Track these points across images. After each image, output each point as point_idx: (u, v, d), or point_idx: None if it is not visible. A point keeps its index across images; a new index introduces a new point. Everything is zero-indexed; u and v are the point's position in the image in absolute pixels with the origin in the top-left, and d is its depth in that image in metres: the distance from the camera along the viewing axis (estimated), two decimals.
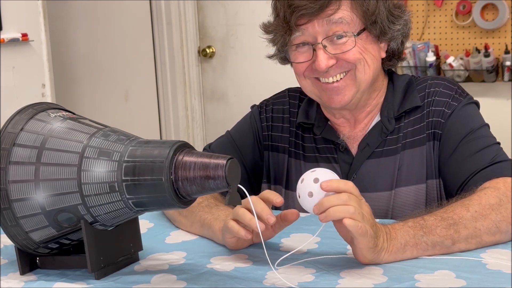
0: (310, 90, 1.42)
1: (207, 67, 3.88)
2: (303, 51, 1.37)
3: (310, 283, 1.06)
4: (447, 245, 1.14)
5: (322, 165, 1.42)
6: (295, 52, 1.39)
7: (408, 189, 1.39)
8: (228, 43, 3.77)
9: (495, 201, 1.19)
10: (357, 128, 1.45)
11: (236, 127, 1.57)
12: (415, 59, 3.22)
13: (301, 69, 1.38)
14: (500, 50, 3.10)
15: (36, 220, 1.10)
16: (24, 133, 1.12)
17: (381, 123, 1.42)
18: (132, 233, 1.19)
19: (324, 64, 1.33)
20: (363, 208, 1.09)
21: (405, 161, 1.39)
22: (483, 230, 1.16)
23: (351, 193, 1.08)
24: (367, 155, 1.41)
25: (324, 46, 1.34)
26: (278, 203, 1.15)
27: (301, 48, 1.37)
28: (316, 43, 1.34)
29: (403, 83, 1.44)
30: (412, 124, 1.40)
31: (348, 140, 1.45)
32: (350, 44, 1.34)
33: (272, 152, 1.52)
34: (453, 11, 3.18)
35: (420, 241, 1.13)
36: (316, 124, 1.47)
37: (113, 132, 1.12)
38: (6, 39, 2.65)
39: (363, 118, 1.44)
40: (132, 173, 1.05)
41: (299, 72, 1.39)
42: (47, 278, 1.14)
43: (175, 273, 1.13)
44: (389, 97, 1.44)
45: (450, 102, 1.38)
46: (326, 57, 1.34)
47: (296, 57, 1.39)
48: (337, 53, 1.34)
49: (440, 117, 1.38)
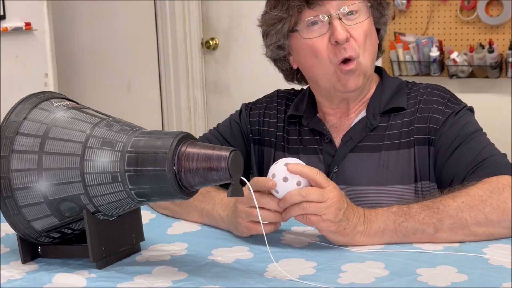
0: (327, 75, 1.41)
1: (210, 59, 3.87)
2: (316, 28, 1.39)
3: (311, 276, 1.06)
4: (429, 232, 1.16)
5: (304, 156, 1.46)
6: (308, 30, 1.40)
7: (394, 188, 1.40)
8: (232, 35, 3.77)
9: (484, 193, 1.19)
10: (344, 119, 1.48)
11: (224, 121, 1.62)
12: (419, 54, 3.21)
13: (322, 49, 1.38)
14: (504, 46, 3.09)
15: (38, 209, 1.10)
16: (28, 122, 1.12)
17: (366, 118, 1.45)
18: (134, 223, 1.19)
19: (343, 33, 1.35)
20: (327, 195, 1.14)
21: (391, 161, 1.40)
22: (470, 220, 1.17)
23: (315, 179, 1.14)
24: (349, 148, 1.43)
25: (340, 18, 1.37)
26: (270, 186, 1.15)
27: (312, 27, 1.39)
28: (332, 15, 1.37)
29: (394, 85, 1.48)
30: (399, 127, 1.42)
31: (333, 129, 1.48)
32: (361, 17, 1.39)
33: (260, 146, 1.56)
34: (457, 6, 3.17)
35: (400, 227, 1.17)
36: (305, 116, 1.51)
37: (116, 122, 1.11)
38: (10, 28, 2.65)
39: (355, 110, 1.47)
40: (135, 164, 1.05)
41: (322, 53, 1.39)
42: (48, 267, 1.14)
43: (176, 264, 1.13)
44: (377, 94, 1.47)
45: (444, 109, 1.40)
46: (344, 28, 1.36)
47: (310, 33, 1.39)
48: (350, 25, 1.37)
49: (435, 124, 1.39)
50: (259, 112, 1.57)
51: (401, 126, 1.42)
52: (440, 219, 1.17)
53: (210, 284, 1.04)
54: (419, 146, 1.40)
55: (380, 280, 1.03)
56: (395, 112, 1.44)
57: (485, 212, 1.17)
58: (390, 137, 1.42)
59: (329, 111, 1.49)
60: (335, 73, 1.39)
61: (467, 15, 3.16)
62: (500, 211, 1.18)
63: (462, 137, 1.36)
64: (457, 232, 1.17)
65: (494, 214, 1.17)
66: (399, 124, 1.43)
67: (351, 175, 1.41)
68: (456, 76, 3.15)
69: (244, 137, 1.57)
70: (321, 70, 1.42)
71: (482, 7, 3.09)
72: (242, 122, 1.58)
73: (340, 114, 1.48)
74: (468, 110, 1.43)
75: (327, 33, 1.38)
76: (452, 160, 1.35)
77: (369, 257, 1.12)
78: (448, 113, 1.39)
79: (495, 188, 1.20)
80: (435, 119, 1.39)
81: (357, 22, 1.38)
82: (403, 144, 1.41)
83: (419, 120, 1.40)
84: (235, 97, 3.80)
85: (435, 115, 1.39)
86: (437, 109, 1.40)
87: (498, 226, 1.18)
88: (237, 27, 3.72)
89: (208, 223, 1.33)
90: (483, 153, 1.33)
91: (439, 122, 1.39)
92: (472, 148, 1.34)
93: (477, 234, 1.17)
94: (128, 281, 1.07)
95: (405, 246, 1.16)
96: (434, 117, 1.39)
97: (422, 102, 1.42)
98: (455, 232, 1.17)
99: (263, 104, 1.59)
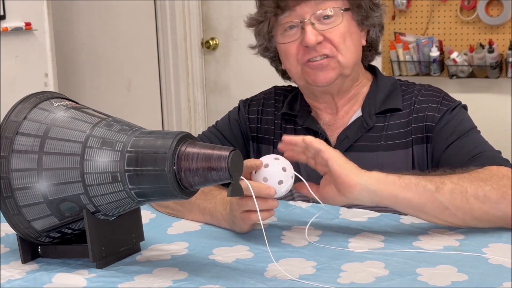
0: (297, 74, 1.47)
1: (210, 59, 3.87)
2: (291, 33, 1.44)
3: (311, 276, 1.06)
4: (430, 189, 1.18)
5: None
6: (283, 35, 1.45)
7: None
8: (232, 35, 3.77)
9: (485, 176, 1.21)
10: (337, 116, 1.50)
11: (223, 118, 1.63)
12: (419, 54, 3.21)
13: (292, 52, 1.44)
14: (504, 46, 3.09)
15: (38, 209, 1.10)
16: (27, 122, 1.12)
17: (362, 118, 1.47)
18: (134, 223, 1.19)
19: (313, 38, 1.40)
20: None
21: (388, 161, 1.42)
22: (469, 191, 1.18)
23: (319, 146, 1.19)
24: (345, 147, 1.45)
25: (312, 23, 1.40)
26: (258, 165, 1.17)
27: (288, 31, 1.44)
28: (304, 21, 1.41)
29: (388, 84, 1.50)
30: (396, 127, 1.44)
31: (328, 127, 1.50)
32: (337, 21, 1.42)
33: (258, 144, 1.57)
34: (457, 6, 3.17)
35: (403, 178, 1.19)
36: (299, 115, 1.53)
37: (116, 122, 1.11)
38: (10, 28, 2.65)
39: (343, 105, 1.50)
40: (135, 163, 1.05)
41: (292, 55, 1.45)
42: (48, 267, 1.14)
43: (176, 264, 1.13)
44: (372, 94, 1.49)
45: (440, 107, 1.42)
46: (314, 33, 1.40)
47: (284, 38, 1.45)
48: (324, 29, 1.41)
49: (431, 121, 1.41)
50: (257, 109, 1.59)
51: (398, 127, 1.44)
52: (442, 181, 1.19)
53: (210, 284, 1.04)
54: (417, 145, 1.41)
55: (380, 280, 1.03)
56: (390, 113, 1.45)
57: (484, 190, 1.18)
58: (388, 137, 1.43)
59: (319, 105, 1.52)
60: (303, 70, 1.44)
61: (467, 15, 3.16)
62: (499, 192, 1.18)
63: (459, 133, 1.38)
64: (456, 198, 1.18)
65: (493, 193, 1.18)
66: (396, 124, 1.44)
67: None
68: (456, 76, 3.15)
69: (243, 135, 1.58)
70: (292, 71, 1.48)
71: (482, 7, 3.09)
72: (241, 119, 1.59)
73: (331, 111, 1.51)
74: (462, 107, 1.45)
75: (300, 38, 1.42)
76: (449, 154, 1.37)
77: (369, 256, 1.12)
78: (444, 110, 1.42)
79: (495, 174, 1.22)
80: (431, 116, 1.41)
81: (333, 26, 1.41)
82: (401, 144, 1.42)
83: (416, 120, 1.43)
84: (235, 97, 3.79)
85: (431, 113, 1.42)
86: (433, 107, 1.42)
87: (495, 206, 1.18)
88: (237, 27, 3.72)
89: (210, 222, 1.33)
90: (479, 147, 1.35)
91: (435, 119, 1.41)
92: (469, 143, 1.36)
93: (473, 209, 1.18)
94: (128, 281, 1.06)
95: (405, 246, 1.16)
96: (430, 115, 1.42)
97: (417, 102, 1.45)
98: (454, 197, 1.18)
99: (260, 100, 1.60)
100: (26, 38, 2.72)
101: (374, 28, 1.49)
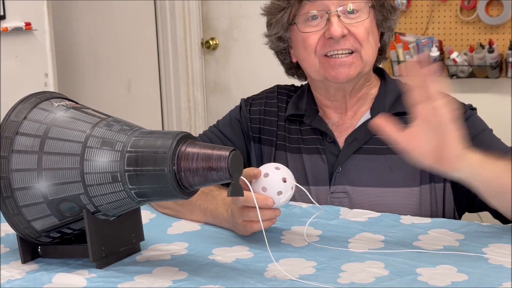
0: (314, 67, 1.43)
1: (210, 59, 3.87)
2: (314, 24, 1.40)
3: (311, 276, 1.06)
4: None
5: (307, 156, 1.46)
6: (305, 24, 1.41)
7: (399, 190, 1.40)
8: (232, 35, 3.76)
9: None
10: (346, 116, 1.48)
11: (224, 118, 1.60)
12: (419, 54, 3.21)
13: (312, 42, 1.41)
14: (504, 46, 3.09)
15: (38, 209, 1.10)
16: (27, 122, 1.12)
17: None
18: (134, 223, 1.19)
19: (339, 30, 1.37)
20: None
21: (397, 164, 1.39)
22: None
23: None
24: (354, 149, 1.43)
25: (338, 15, 1.38)
26: (257, 174, 1.15)
27: (310, 21, 1.40)
28: (330, 12, 1.38)
29: (397, 87, 1.48)
30: None
31: (336, 128, 1.48)
32: (362, 16, 1.39)
33: (260, 145, 1.55)
34: (457, 6, 3.17)
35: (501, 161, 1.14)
36: (306, 115, 1.50)
37: (116, 122, 1.11)
38: (10, 28, 2.65)
39: (352, 105, 1.48)
40: (135, 163, 1.05)
41: (311, 46, 1.41)
42: (48, 267, 1.14)
43: (176, 264, 1.13)
44: (381, 96, 1.48)
45: None
46: (341, 25, 1.37)
47: (306, 28, 1.41)
48: (350, 23, 1.38)
49: None
50: (259, 108, 1.56)
51: None
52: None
53: (210, 284, 1.04)
54: None
55: (380, 280, 1.03)
56: (399, 116, 1.43)
57: None
58: None
59: (328, 104, 1.49)
60: (322, 64, 1.41)
61: (467, 15, 3.16)
62: None
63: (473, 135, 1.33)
64: None
65: None
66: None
67: (356, 176, 1.41)
68: (456, 76, 3.14)
69: (245, 135, 1.56)
70: (309, 63, 1.44)
71: (482, 7, 3.09)
72: (242, 119, 1.57)
73: (340, 110, 1.49)
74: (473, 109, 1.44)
75: (323, 29, 1.39)
76: None
77: (369, 257, 1.12)
78: None
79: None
80: None
81: (358, 20, 1.39)
82: None
83: None
84: (235, 97, 3.79)
85: None
86: None
87: None
88: (237, 27, 3.72)
89: (212, 223, 1.33)
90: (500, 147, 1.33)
91: None
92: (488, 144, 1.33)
93: None
94: (128, 281, 1.07)
95: (405, 246, 1.16)
96: None
97: None
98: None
99: (263, 100, 1.57)
100: (26, 38, 2.72)
101: (388, 32, 1.49)
